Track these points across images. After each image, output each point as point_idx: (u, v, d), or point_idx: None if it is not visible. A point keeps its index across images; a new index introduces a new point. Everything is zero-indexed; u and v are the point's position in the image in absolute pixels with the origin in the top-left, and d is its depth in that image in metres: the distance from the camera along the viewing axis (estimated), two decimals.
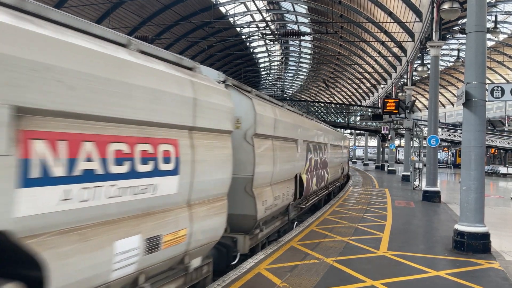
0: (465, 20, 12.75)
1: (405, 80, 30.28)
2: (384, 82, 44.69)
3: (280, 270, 6.34)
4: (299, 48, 57.20)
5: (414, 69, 26.93)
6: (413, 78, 29.44)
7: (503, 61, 45.21)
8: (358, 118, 41.92)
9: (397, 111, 23.36)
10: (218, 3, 38.04)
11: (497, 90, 9.27)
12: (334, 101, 65.42)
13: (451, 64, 48.41)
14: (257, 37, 38.37)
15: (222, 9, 40.04)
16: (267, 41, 43.47)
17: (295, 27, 43.07)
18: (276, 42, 43.38)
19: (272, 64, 68.71)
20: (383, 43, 35.40)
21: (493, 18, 20.62)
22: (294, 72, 72.77)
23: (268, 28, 33.21)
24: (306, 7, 39.89)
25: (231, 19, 42.63)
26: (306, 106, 41.55)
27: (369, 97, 58.92)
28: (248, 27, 45.19)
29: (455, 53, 36.97)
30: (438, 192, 16.44)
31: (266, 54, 62.50)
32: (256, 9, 35.81)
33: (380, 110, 29.56)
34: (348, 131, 50.95)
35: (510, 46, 41.54)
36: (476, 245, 8.04)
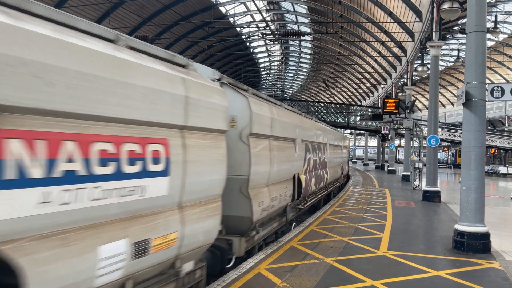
0: (465, 20, 12.74)
1: (405, 80, 30.28)
2: (384, 82, 44.68)
3: (280, 270, 6.36)
4: (299, 48, 57.22)
5: (414, 69, 26.92)
6: (413, 78, 29.43)
7: (503, 61, 45.21)
8: (358, 118, 41.96)
9: (397, 111, 23.38)
10: (218, 3, 38.04)
11: (497, 90, 9.29)
12: (334, 101, 65.41)
13: (451, 64, 48.41)
14: (257, 37, 38.39)
15: (222, 9, 40.05)
16: (267, 41, 43.50)
17: (295, 27, 43.07)
18: (276, 42, 43.40)
19: (272, 64, 68.73)
20: (383, 43, 35.40)
21: (493, 18, 20.62)
22: (294, 72, 72.80)
23: (268, 28, 33.23)
24: (306, 7, 39.89)
25: (231, 19, 42.64)
26: (306, 106, 41.54)
27: (369, 97, 58.92)
28: (248, 27, 45.20)
29: (455, 53, 36.96)
30: (438, 192, 16.42)
31: (266, 54, 62.53)
32: (256, 9, 35.83)
33: (380, 110, 29.57)
34: (348, 131, 50.95)
35: (510, 46, 41.52)
36: (476, 245, 8.07)
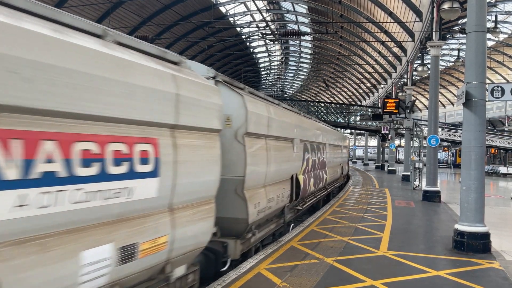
0: (465, 20, 12.72)
1: (405, 80, 30.27)
2: (384, 82, 44.66)
3: (280, 270, 6.34)
4: (299, 48, 57.22)
5: (414, 69, 26.91)
6: (413, 78, 29.41)
7: (503, 61, 45.19)
8: (358, 118, 41.97)
9: (397, 111, 23.37)
10: (218, 3, 38.03)
11: (497, 90, 9.29)
12: (334, 101, 65.39)
13: (451, 64, 48.40)
14: (257, 37, 38.39)
15: (222, 9, 40.05)
16: (267, 41, 43.52)
17: (295, 27, 43.06)
18: (276, 42, 43.37)
19: (272, 64, 68.73)
20: (383, 43, 35.37)
21: (493, 18, 20.61)
22: (294, 72, 72.81)
23: (268, 28, 33.22)
24: (306, 7, 39.88)
25: (231, 19, 42.63)
26: (306, 106, 41.54)
27: (369, 97, 58.91)
28: (248, 27, 45.21)
29: (455, 53, 36.93)
30: (438, 192, 16.40)
31: (266, 54, 62.54)
32: (256, 9, 35.83)
33: (380, 110, 29.54)
34: (348, 131, 50.95)
35: (510, 46, 41.50)
36: (476, 245, 8.06)
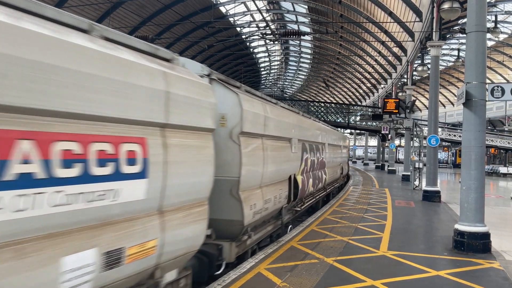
0: (465, 20, 12.74)
1: (405, 80, 30.30)
2: (384, 82, 44.69)
3: (280, 270, 6.33)
4: (299, 48, 57.23)
5: (414, 69, 26.94)
6: (413, 78, 29.45)
7: (503, 61, 45.23)
8: (358, 118, 41.98)
9: (397, 111, 23.40)
10: (218, 3, 38.06)
11: (497, 90, 9.28)
12: (334, 101, 65.41)
13: (451, 64, 48.43)
14: (257, 37, 38.40)
15: (222, 9, 40.08)
16: (267, 41, 43.54)
17: (295, 27, 43.09)
18: (276, 42, 43.39)
19: (272, 64, 68.73)
20: (383, 43, 35.41)
21: (493, 18, 20.61)
22: (294, 72, 72.80)
23: (268, 28, 33.22)
24: (306, 7, 39.91)
25: (231, 19, 42.66)
26: (306, 106, 41.56)
27: (369, 97, 58.93)
28: (248, 27, 45.22)
29: (455, 53, 36.97)
30: (438, 192, 16.43)
31: (266, 54, 62.53)
32: (256, 9, 35.84)
33: (380, 110, 29.57)
34: (348, 130, 50.97)
35: (510, 46, 41.55)
36: (476, 245, 8.04)
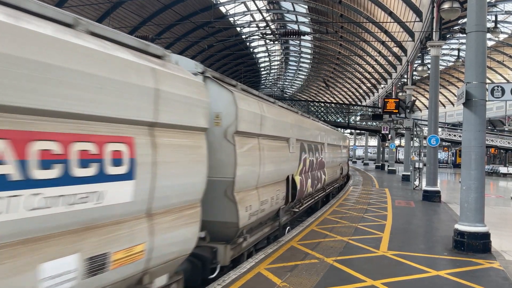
0: (465, 20, 12.73)
1: (405, 80, 30.31)
2: (384, 82, 44.69)
3: (280, 270, 6.33)
4: (299, 48, 57.23)
5: (414, 68, 26.94)
6: (413, 77, 29.45)
7: (503, 61, 45.23)
8: (358, 118, 41.97)
9: (397, 111, 23.42)
10: (218, 3, 38.06)
11: (497, 89, 9.28)
12: (334, 101, 65.42)
13: (451, 64, 48.44)
14: (257, 37, 38.40)
15: (222, 9, 40.08)
16: (267, 41, 43.56)
17: (295, 26, 43.10)
18: (276, 42, 43.37)
19: (272, 64, 68.74)
20: (383, 43, 35.41)
21: (493, 18, 20.61)
22: (294, 72, 72.81)
23: (268, 28, 33.22)
24: (306, 7, 39.91)
25: (231, 19, 42.66)
26: (306, 106, 41.56)
27: (369, 96, 58.94)
28: (248, 27, 45.23)
29: (455, 53, 36.96)
30: (438, 192, 16.43)
31: (266, 54, 62.54)
32: (256, 8, 35.85)
33: (380, 110, 29.58)
34: (348, 130, 50.98)
35: (510, 45, 41.56)
36: (476, 244, 8.04)
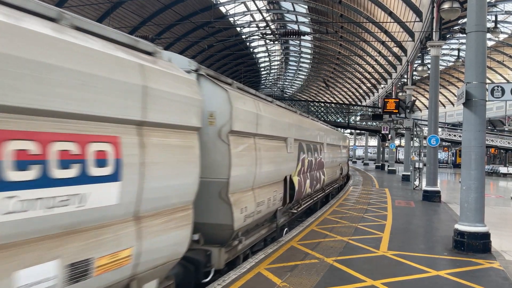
0: (465, 20, 12.74)
1: (405, 80, 30.31)
2: (384, 82, 44.69)
3: (280, 270, 6.34)
4: (299, 48, 57.24)
5: (414, 69, 26.94)
6: (413, 78, 29.46)
7: (503, 61, 45.24)
8: (358, 118, 41.98)
9: (397, 111, 23.43)
10: (218, 3, 38.07)
11: (497, 89, 9.28)
12: (334, 101, 65.42)
13: (451, 64, 48.44)
14: (257, 37, 38.40)
15: (222, 9, 40.09)
16: (267, 41, 43.56)
17: (295, 27, 43.10)
18: (276, 42, 43.37)
19: (272, 64, 68.75)
20: (383, 43, 35.41)
21: (493, 18, 20.62)
22: (294, 72, 72.82)
23: (268, 28, 33.21)
24: (306, 7, 39.92)
25: (231, 19, 42.67)
26: (306, 106, 41.56)
27: (369, 97, 58.94)
28: (248, 27, 45.24)
29: (455, 53, 36.96)
30: (438, 192, 16.43)
31: (266, 54, 62.56)
32: (256, 9, 35.84)
33: (380, 110, 29.58)
34: (348, 130, 50.98)
35: (510, 45, 41.56)
36: (477, 245, 8.05)
